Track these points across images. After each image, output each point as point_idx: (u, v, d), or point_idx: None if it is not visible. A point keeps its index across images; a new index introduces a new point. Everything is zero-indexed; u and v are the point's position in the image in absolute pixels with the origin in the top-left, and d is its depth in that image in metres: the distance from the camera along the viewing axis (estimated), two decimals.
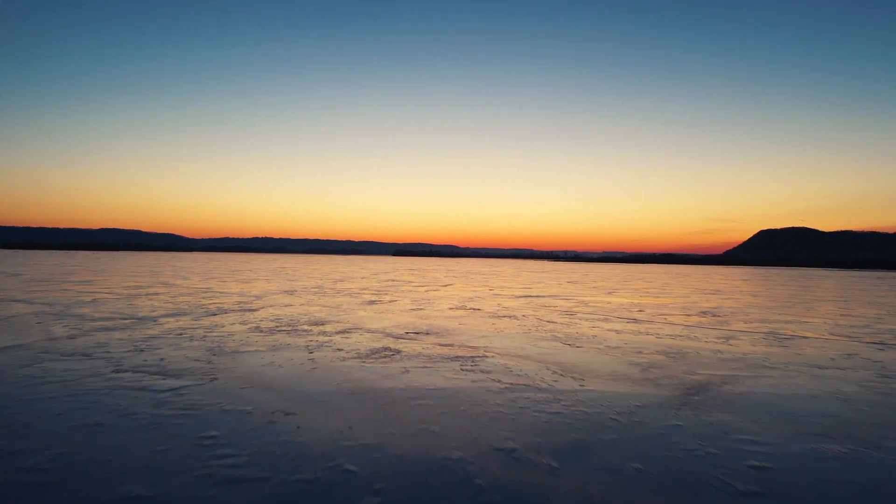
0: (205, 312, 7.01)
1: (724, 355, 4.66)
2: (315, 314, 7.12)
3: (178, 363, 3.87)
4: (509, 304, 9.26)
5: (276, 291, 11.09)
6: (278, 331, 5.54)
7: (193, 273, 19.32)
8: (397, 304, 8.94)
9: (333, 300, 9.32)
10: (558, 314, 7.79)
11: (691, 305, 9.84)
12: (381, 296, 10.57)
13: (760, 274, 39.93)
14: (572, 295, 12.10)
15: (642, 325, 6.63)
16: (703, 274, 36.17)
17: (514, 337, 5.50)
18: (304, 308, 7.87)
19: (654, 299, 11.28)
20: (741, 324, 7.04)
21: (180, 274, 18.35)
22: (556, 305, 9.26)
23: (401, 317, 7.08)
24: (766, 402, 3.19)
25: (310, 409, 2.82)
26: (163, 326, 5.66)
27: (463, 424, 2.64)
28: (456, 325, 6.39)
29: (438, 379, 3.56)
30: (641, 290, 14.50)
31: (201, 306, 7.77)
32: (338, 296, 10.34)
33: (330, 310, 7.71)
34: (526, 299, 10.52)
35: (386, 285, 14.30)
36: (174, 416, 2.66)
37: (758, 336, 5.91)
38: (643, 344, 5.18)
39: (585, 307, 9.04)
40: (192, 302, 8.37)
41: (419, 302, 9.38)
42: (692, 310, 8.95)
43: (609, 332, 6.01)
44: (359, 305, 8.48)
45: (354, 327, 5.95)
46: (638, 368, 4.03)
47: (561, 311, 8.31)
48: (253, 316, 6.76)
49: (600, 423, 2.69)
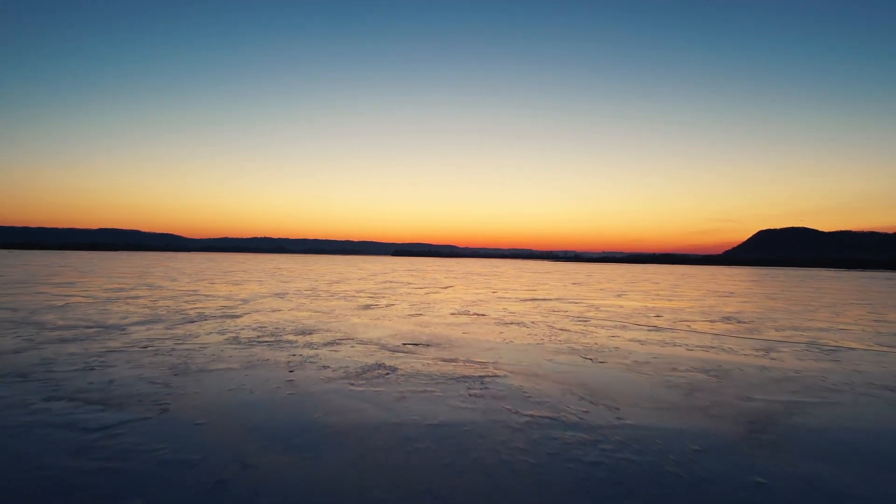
0: (182, 319, 6.35)
1: (772, 373, 4.01)
2: (304, 321, 6.47)
3: (129, 387, 3.22)
4: (515, 309, 8.61)
5: (265, 294, 10.43)
6: (259, 342, 4.88)
7: (184, 274, 18.65)
8: (395, 308, 8.28)
9: (326, 304, 8.66)
10: (570, 320, 7.14)
11: (710, 310, 9.20)
12: (377, 299, 9.91)
13: (766, 274, 39.30)
14: (580, 298, 11.45)
15: (666, 334, 5.99)
16: (709, 275, 35.56)
17: (525, 349, 4.85)
18: (293, 314, 7.21)
19: (667, 303, 10.64)
20: (773, 332, 6.39)
21: (170, 275, 17.69)
22: (565, 310, 8.61)
23: (398, 324, 6.43)
24: (853, 441, 2.54)
25: (275, 460, 2.16)
26: (129, 337, 5.00)
27: (475, 484, 1.98)
28: (459, 334, 5.74)
29: (442, 409, 2.91)
30: (651, 293, 13.85)
31: (180, 312, 7.12)
32: (331, 299, 9.68)
33: (321, 316, 7.05)
34: (532, 303, 9.87)
35: (383, 287, 13.65)
36: (91, 473, 2.00)
37: (799, 347, 5.26)
38: (675, 358, 4.53)
39: (597, 312, 8.39)
40: (171, 307, 7.71)
41: (418, 306, 8.73)
42: (713, 315, 8.30)
43: (631, 342, 5.36)
44: (353, 310, 7.82)
45: (346, 337, 5.29)
46: (679, 392, 3.38)
47: (572, 316, 7.66)
48: (234, 324, 6.10)
49: (658, 481, 2.04)
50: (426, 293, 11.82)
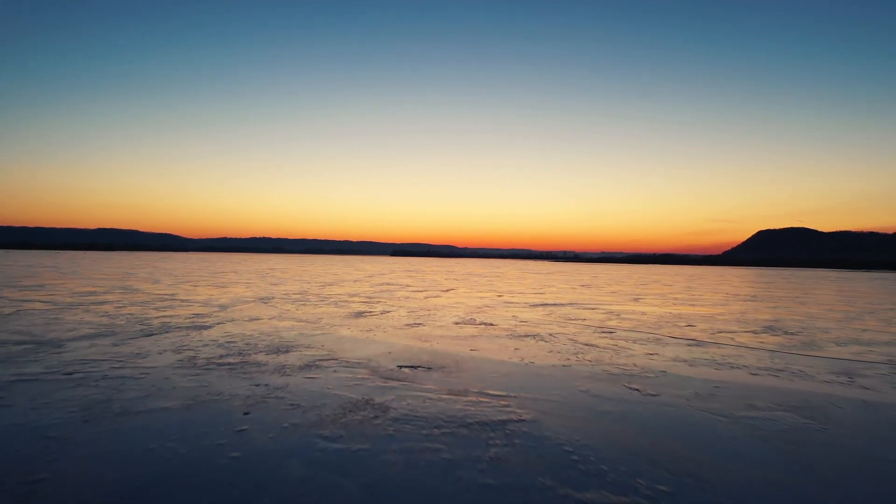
0: (139, 332, 5.38)
1: (882, 412, 3.06)
2: (283, 334, 5.50)
3: (5, 441, 2.26)
4: (527, 317, 7.65)
5: (249, 299, 9.46)
6: (219, 365, 3.92)
7: (171, 275, 17.66)
8: (391, 317, 7.32)
9: (313, 312, 7.69)
10: (593, 332, 6.18)
11: (742, 317, 8.25)
12: (372, 305, 8.95)
13: (773, 275, 38.36)
14: (594, 302, 10.49)
15: (711, 350, 5.03)
16: (716, 276, 34.64)
17: (551, 374, 3.89)
18: (273, 324, 6.24)
19: (691, 308, 9.69)
20: (834, 346, 5.44)
21: (155, 276, 16.70)
22: (583, 317, 7.65)
23: (394, 337, 5.47)
24: None
25: None
26: (59, 357, 4.04)
27: None
28: (466, 350, 4.78)
29: (448, 488, 1.95)
30: (668, 296, 12.90)
31: (142, 322, 6.15)
32: (321, 305, 8.72)
33: (304, 327, 6.09)
34: (544, 309, 8.91)
35: (380, 291, 12.68)
36: None
37: (883, 370, 4.30)
38: (742, 388, 3.58)
39: (619, 320, 7.43)
40: (135, 315, 6.74)
41: (417, 314, 7.77)
42: (750, 323, 7.35)
43: (677, 363, 4.41)
44: (343, 319, 6.86)
45: (329, 357, 4.33)
46: (778, 447, 2.43)
47: (594, 326, 6.70)
48: (199, 338, 5.13)
49: None
50: (426, 297, 10.86)
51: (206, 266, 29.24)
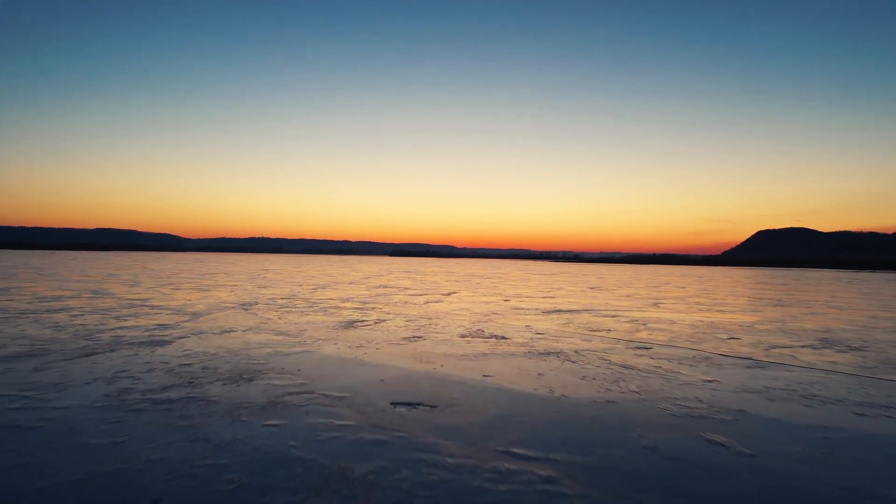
0: (79, 350, 4.42)
1: None
2: (254, 352, 4.54)
3: None
4: (543, 327, 6.69)
5: (229, 305, 8.49)
6: (155, 402, 2.96)
7: (156, 277, 16.68)
8: (386, 327, 6.36)
9: (298, 321, 6.73)
10: (626, 347, 5.23)
11: (786, 327, 7.29)
12: (365, 312, 7.98)
13: (781, 276, 37.41)
14: (612, 308, 9.54)
15: (780, 375, 4.08)
16: (726, 276, 33.71)
17: (594, 416, 2.93)
18: (246, 338, 5.28)
19: (720, 314, 8.73)
20: None
21: (139, 278, 15.72)
22: (606, 328, 6.70)
23: (388, 356, 4.52)
24: None
25: None
26: None
27: None
28: (478, 376, 3.82)
29: None
30: (688, 300, 11.95)
31: (92, 335, 5.19)
32: (308, 312, 7.75)
33: (283, 342, 5.12)
34: (558, 316, 7.96)
35: (376, 294, 11.71)
36: None
37: None
38: (865, 440, 2.61)
39: (648, 331, 6.48)
40: (88, 326, 5.77)
41: (416, 323, 6.81)
42: (799, 335, 6.40)
43: (749, 395, 3.45)
44: (330, 331, 5.89)
45: (302, 389, 3.37)
46: None
47: (624, 340, 5.75)
48: (149, 358, 4.17)
49: None
50: (426, 302, 9.90)
51: (198, 267, 28.25)
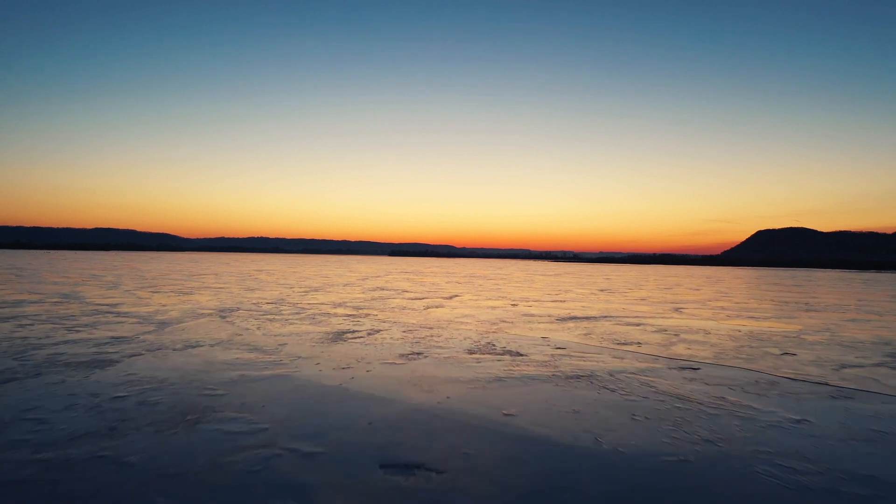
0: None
1: None
2: (215, 377, 3.65)
3: None
4: (562, 338, 5.80)
5: (206, 311, 7.60)
6: (41, 468, 2.07)
7: (141, 278, 15.77)
8: (380, 340, 5.47)
9: (279, 332, 5.84)
10: (667, 367, 4.34)
11: (839, 337, 6.41)
12: (358, 320, 7.10)
13: (790, 276, 36.53)
14: (630, 314, 8.65)
15: (878, 409, 3.20)
16: (735, 278, 32.84)
17: (669, 488, 2.06)
18: (211, 356, 4.39)
19: (753, 322, 7.85)
20: None
21: (121, 280, 14.81)
22: (634, 339, 5.81)
23: (380, 381, 3.63)
24: None
25: None
26: None
27: None
28: (496, 415, 2.94)
29: None
30: (711, 305, 11.06)
31: (26, 353, 4.29)
32: (294, 320, 6.86)
33: (254, 361, 4.23)
34: (575, 325, 7.07)
35: (372, 298, 10.83)
36: None
37: None
38: None
39: (685, 343, 5.60)
40: (30, 339, 4.88)
41: (415, 334, 5.92)
42: (863, 350, 5.51)
43: (863, 447, 2.57)
44: (314, 345, 5.00)
45: (260, 442, 2.48)
46: None
47: (663, 357, 4.86)
48: (77, 387, 3.28)
49: None
50: (426, 308, 9.01)
51: (190, 267, 27.33)
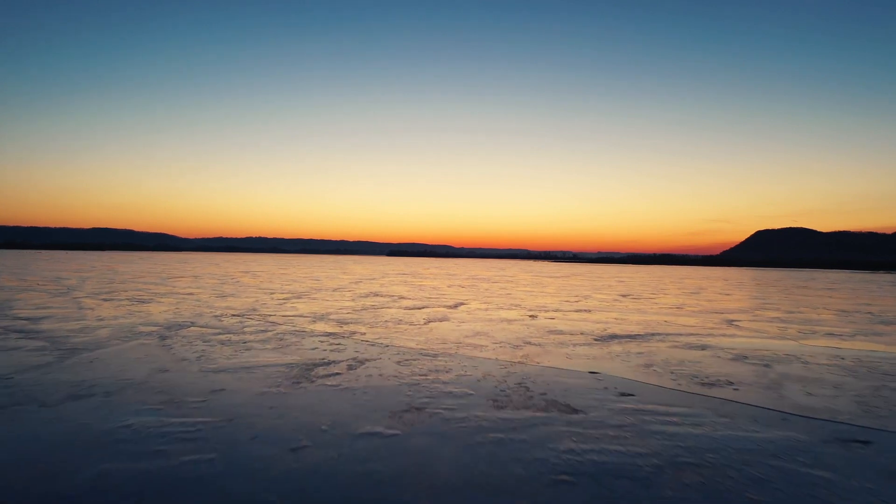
0: None
1: None
2: (57, 481, 2.06)
3: None
4: (617, 372, 4.22)
5: (148, 328, 5.99)
6: None
7: (105, 281, 14.14)
8: (362, 379, 3.87)
9: (226, 364, 4.24)
10: (822, 440, 2.76)
11: None
12: (340, 342, 5.50)
13: (798, 277, 35.00)
14: (679, 329, 7.07)
15: None
16: (752, 280, 31.29)
17: None
18: (91, 418, 2.79)
19: (846, 343, 6.28)
20: None
21: (84, 283, 13.19)
22: (720, 375, 4.23)
23: (351, 480, 2.05)
24: None
25: None
26: None
27: None
28: None
29: None
30: (764, 316, 9.47)
31: None
32: (252, 344, 5.26)
33: (149, 428, 2.63)
34: (621, 347, 5.48)
35: (363, 307, 9.23)
36: None
37: None
38: None
39: (793, 382, 4.02)
40: None
41: (413, 367, 4.33)
42: None
43: None
44: (262, 393, 3.40)
45: None
46: None
47: (787, 411, 3.28)
48: None
49: None
50: (426, 321, 7.41)
51: (175, 268, 25.70)
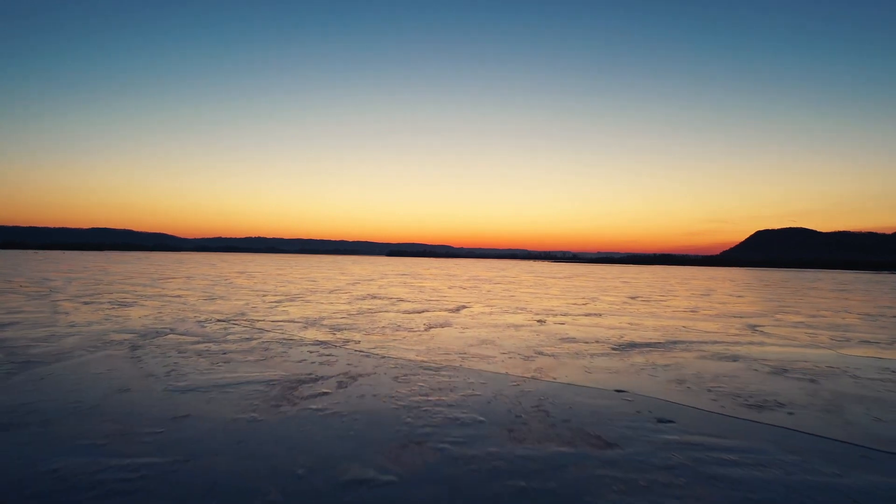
0: None
1: None
2: None
3: None
4: (646, 389, 3.66)
5: (121, 336, 5.42)
6: None
7: (93, 283, 13.57)
8: (353, 399, 3.31)
9: (198, 381, 3.67)
10: None
11: None
12: (331, 353, 4.93)
13: (812, 278, 34.47)
14: (700, 335, 6.51)
15: None
16: (759, 280, 30.75)
17: None
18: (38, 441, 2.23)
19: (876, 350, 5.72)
20: None
21: (67, 286, 12.63)
22: (765, 394, 3.67)
23: None
24: None
25: None
26: None
27: None
28: None
29: None
30: (787, 321, 8.92)
31: None
32: (233, 356, 4.70)
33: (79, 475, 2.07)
34: (644, 357, 4.92)
35: (359, 310, 8.66)
36: None
37: None
38: None
39: (852, 402, 3.46)
40: None
41: (413, 385, 3.76)
42: None
43: None
44: (234, 419, 2.83)
45: None
46: None
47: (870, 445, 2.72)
48: None
49: None
50: (427, 327, 6.85)
51: (169, 268, 25.11)
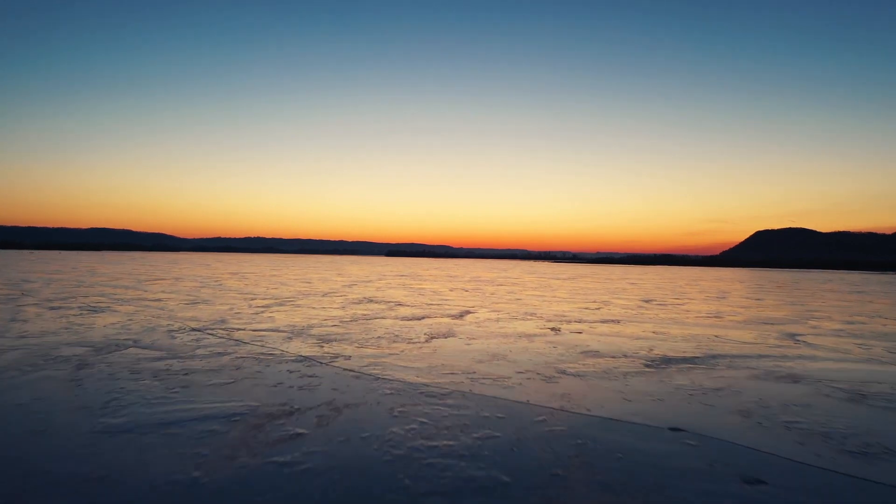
0: None
1: None
2: None
3: None
4: (705, 428, 2.97)
5: (75, 350, 4.73)
6: None
7: (72, 285, 12.87)
8: (334, 443, 2.62)
9: (145, 414, 2.97)
10: None
11: None
12: (315, 373, 4.24)
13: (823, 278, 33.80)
14: (736, 347, 5.82)
15: None
16: (771, 282, 30.07)
17: None
18: None
19: None
20: None
21: (44, 287, 11.93)
22: (858, 438, 2.99)
23: None
24: None
25: None
26: None
27: None
28: None
29: None
30: (823, 328, 8.24)
31: None
32: (199, 377, 4.01)
33: None
34: (683, 376, 4.23)
35: (353, 317, 7.97)
36: None
37: None
38: None
39: None
40: None
41: (411, 416, 3.06)
42: None
43: None
44: (191, 481, 2.15)
45: None
46: None
47: None
48: None
49: None
50: (428, 336, 6.15)
51: (162, 269, 24.41)
